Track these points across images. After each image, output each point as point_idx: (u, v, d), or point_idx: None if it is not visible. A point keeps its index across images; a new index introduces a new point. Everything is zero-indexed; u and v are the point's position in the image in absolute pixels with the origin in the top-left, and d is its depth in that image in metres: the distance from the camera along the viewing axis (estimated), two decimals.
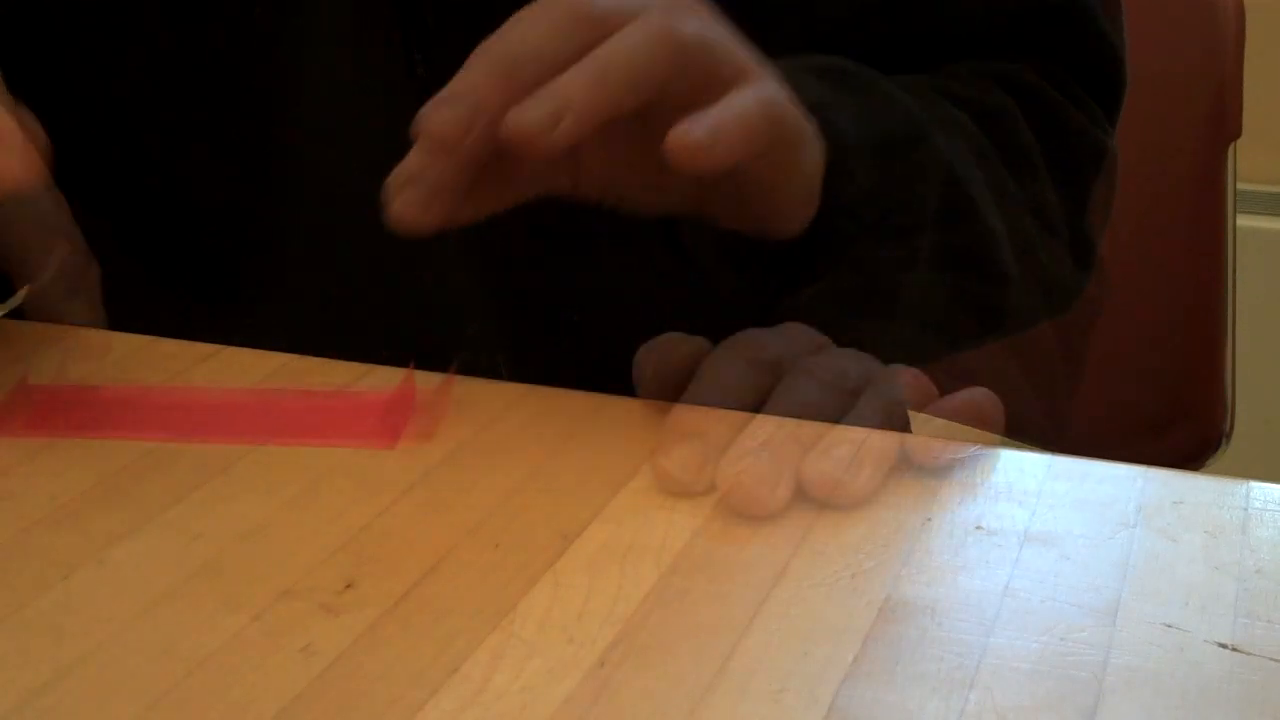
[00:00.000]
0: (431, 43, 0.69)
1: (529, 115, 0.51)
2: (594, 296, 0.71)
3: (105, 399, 0.56)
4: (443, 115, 0.52)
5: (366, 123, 0.70)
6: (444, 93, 0.53)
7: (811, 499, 0.50)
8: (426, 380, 0.56)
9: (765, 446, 0.51)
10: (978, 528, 0.49)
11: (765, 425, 0.52)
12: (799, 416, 0.53)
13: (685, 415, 0.53)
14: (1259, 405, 1.61)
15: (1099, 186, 0.77)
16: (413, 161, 0.52)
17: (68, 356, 0.60)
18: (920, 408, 0.54)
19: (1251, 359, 1.34)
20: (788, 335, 0.58)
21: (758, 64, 0.57)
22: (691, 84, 0.54)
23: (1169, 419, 1.14)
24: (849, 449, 0.51)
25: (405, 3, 0.69)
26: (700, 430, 0.52)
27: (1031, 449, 0.53)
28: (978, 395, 0.54)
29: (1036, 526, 0.49)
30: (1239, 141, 1.09)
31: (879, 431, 0.52)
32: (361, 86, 0.70)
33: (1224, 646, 0.43)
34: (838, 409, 0.54)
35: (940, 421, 0.53)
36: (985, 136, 0.71)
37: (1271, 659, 0.43)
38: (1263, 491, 0.51)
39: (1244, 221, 1.14)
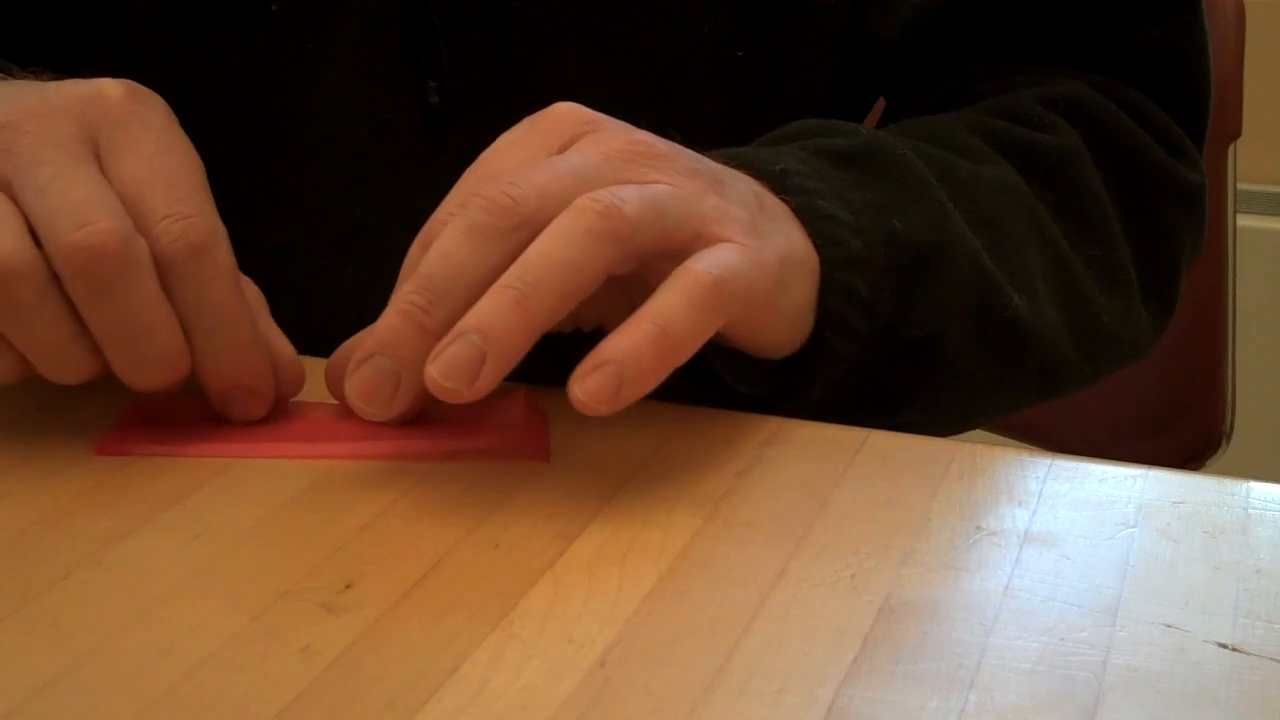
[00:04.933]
0: (445, 72, 0.69)
1: (445, 368, 0.48)
2: (593, 296, 0.71)
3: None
4: (365, 377, 0.50)
5: (377, 151, 0.70)
6: (366, 343, 0.50)
7: None
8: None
9: (384, 347, 0.49)
10: (978, 528, 0.49)
11: (389, 319, 0.50)
12: (551, 278, 0.49)
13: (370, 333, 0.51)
14: (1259, 405, 1.61)
15: (1187, 222, 0.73)
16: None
17: None
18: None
19: (1251, 359, 1.35)
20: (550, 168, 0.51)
21: (718, 217, 0.52)
22: (642, 257, 0.51)
23: (1169, 419, 1.14)
24: (469, 346, 0.48)
25: (420, 31, 0.69)
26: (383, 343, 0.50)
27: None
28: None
29: (1036, 526, 0.49)
30: (1239, 141, 1.09)
31: (500, 314, 0.48)
32: (373, 115, 0.70)
33: (1224, 646, 0.43)
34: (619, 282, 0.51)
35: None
36: (1042, 189, 0.67)
37: (1271, 659, 0.43)
38: (1263, 491, 0.51)
39: (1244, 221, 1.14)
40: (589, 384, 0.48)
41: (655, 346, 0.49)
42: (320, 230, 0.71)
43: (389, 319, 0.50)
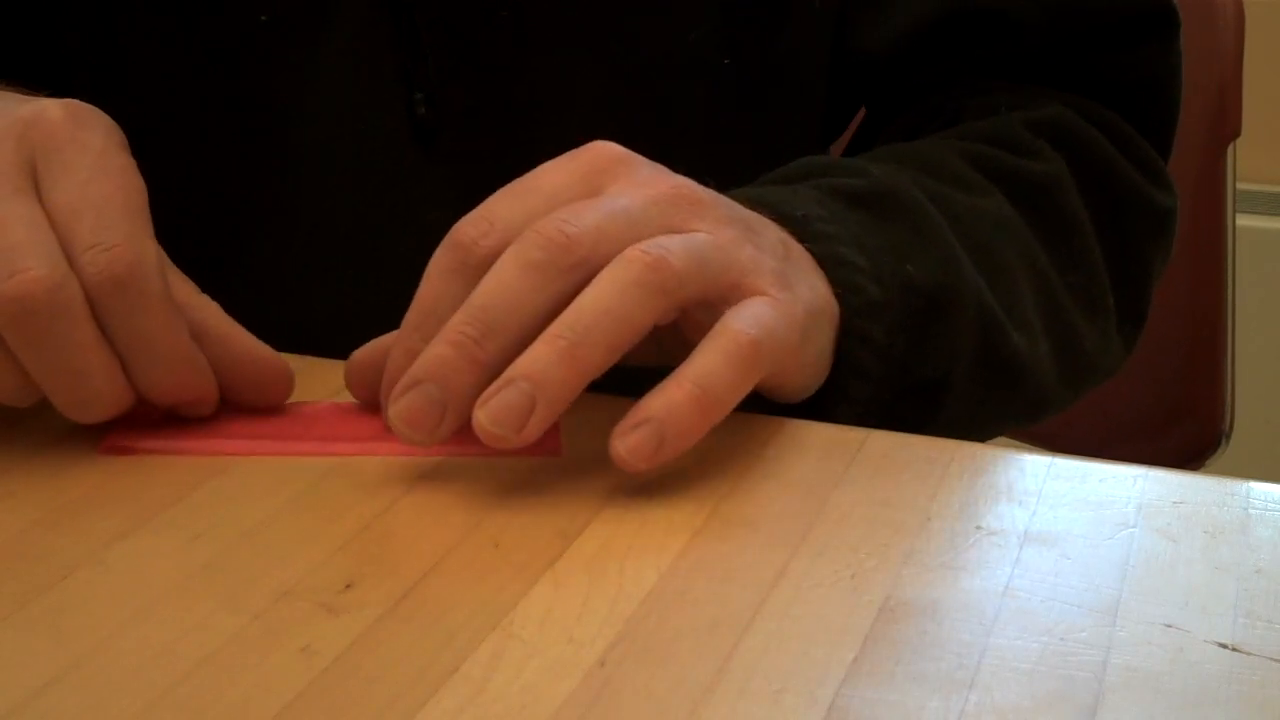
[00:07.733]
0: (432, 83, 0.69)
1: (495, 415, 0.48)
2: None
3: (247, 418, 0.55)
4: (412, 404, 0.49)
5: (367, 159, 0.70)
6: (414, 370, 0.49)
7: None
8: None
9: (433, 376, 0.49)
10: (978, 528, 0.49)
11: (440, 348, 0.49)
12: (601, 328, 0.49)
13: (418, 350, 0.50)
14: (1259, 405, 1.61)
15: (1159, 246, 0.75)
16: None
17: None
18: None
19: (1251, 359, 1.35)
20: (602, 207, 0.51)
21: (754, 268, 0.53)
22: (683, 307, 0.51)
23: (1169, 419, 1.14)
24: (519, 394, 0.48)
25: (407, 43, 0.69)
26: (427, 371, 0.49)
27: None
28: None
29: (1036, 526, 0.49)
30: (1239, 141, 1.09)
31: (551, 362, 0.49)
32: (362, 124, 0.70)
33: (1224, 646, 0.43)
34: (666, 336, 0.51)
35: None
36: (1030, 217, 0.68)
37: (1271, 659, 0.43)
38: (1263, 491, 0.51)
39: (1244, 221, 1.14)
40: (630, 440, 0.49)
41: (695, 405, 0.49)
42: (313, 236, 0.71)
43: (440, 348, 0.49)
